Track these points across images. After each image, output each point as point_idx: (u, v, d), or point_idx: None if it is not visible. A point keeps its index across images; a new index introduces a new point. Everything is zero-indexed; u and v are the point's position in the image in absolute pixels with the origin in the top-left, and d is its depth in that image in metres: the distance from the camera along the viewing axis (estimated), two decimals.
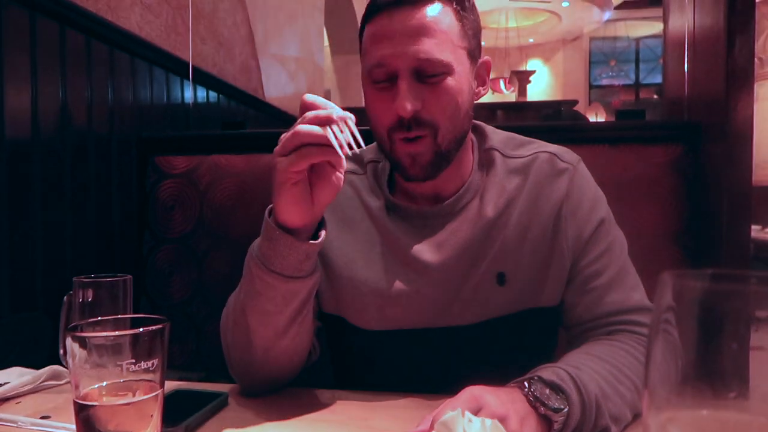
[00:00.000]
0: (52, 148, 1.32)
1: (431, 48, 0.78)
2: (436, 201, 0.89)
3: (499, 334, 0.87)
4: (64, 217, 1.36)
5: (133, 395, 0.53)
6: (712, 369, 0.30)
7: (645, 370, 0.32)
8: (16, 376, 0.87)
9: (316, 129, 0.68)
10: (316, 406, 0.81)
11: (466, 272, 0.86)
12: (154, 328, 0.54)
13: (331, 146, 0.68)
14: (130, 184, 1.57)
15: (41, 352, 1.02)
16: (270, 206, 0.77)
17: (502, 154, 0.91)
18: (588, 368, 0.72)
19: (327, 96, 5.25)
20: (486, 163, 0.91)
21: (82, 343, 0.53)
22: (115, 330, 0.57)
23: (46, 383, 0.88)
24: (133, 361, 0.53)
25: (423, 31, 0.78)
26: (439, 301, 0.87)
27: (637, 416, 0.73)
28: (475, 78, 0.86)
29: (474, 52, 0.84)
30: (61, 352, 0.85)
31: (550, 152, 0.90)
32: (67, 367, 0.85)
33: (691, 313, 0.30)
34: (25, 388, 0.85)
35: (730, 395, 0.29)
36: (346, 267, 0.89)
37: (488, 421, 0.51)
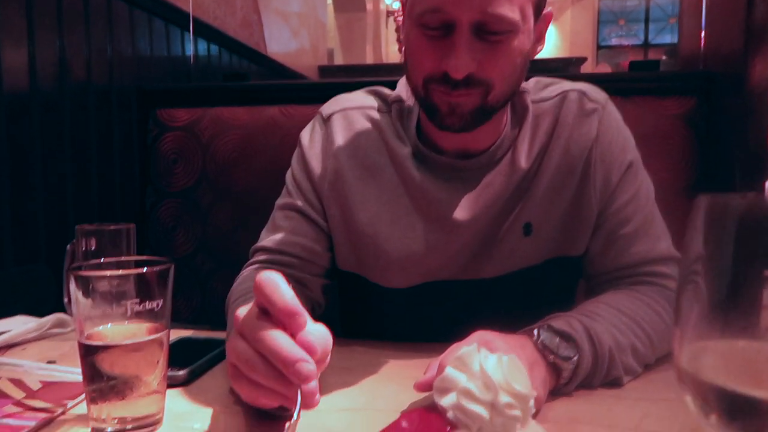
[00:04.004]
0: (51, 102, 1.30)
1: (501, 1, 0.67)
2: (465, 155, 0.82)
3: (523, 286, 0.84)
4: (65, 171, 1.34)
5: (139, 336, 0.52)
6: (746, 297, 0.28)
7: (676, 304, 0.31)
8: (21, 324, 0.87)
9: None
10: None
11: (495, 226, 0.82)
12: (158, 268, 0.53)
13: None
14: (131, 137, 1.55)
15: (45, 304, 1.01)
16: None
17: (531, 99, 0.85)
18: (603, 319, 0.70)
19: (330, 55, 5.10)
20: (519, 109, 0.84)
21: (86, 284, 0.52)
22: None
23: (50, 331, 0.88)
24: (138, 300, 0.51)
25: None
26: (465, 256, 0.83)
27: (648, 366, 0.72)
28: (535, 32, 0.75)
29: (541, 3, 0.74)
30: (66, 300, 0.84)
31: (578, 90, 0.84)
32: (71, 315, 0.85)
33: (725, 236, 0.28)
34: (30, 335, 0.85)
35: (763, 324, 0.28)
36: (369, 224, 0.84)
37: (505, 357, 0.50)
